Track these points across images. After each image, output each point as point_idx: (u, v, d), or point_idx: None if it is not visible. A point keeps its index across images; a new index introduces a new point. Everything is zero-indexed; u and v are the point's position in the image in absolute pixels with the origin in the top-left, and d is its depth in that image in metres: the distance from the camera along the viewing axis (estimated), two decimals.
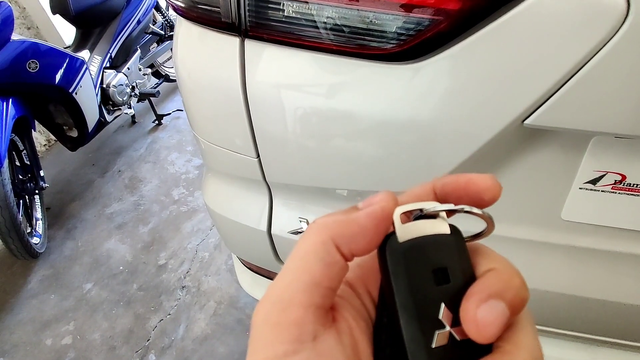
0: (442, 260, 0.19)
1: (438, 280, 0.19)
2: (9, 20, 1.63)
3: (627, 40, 0.39)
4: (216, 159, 0.76)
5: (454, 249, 0.20)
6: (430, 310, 0.18)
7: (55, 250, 1.91)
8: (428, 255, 0.19)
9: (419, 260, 0.19)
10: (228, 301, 1.57)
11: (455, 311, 0.18)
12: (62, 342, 1.53)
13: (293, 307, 0.18)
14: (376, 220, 0.19)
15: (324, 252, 0.19)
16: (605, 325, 0.67)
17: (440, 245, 0.19)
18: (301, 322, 0.18)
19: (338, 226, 0.19)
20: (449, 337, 0.18)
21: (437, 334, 0.18)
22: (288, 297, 0.18)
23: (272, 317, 0.18)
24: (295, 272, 0.19)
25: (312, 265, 0.18)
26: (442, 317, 0.18)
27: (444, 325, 0.18)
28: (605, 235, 0.59)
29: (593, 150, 0.51)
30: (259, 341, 0.18)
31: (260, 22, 0.52)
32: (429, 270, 0.19)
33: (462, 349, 0.18)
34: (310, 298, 0.18)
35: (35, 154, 1.91)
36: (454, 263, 0.19)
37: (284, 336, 0.17)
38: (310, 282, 0.18)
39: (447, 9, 0.43)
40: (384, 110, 0.53)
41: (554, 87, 0.43)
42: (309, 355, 0.17)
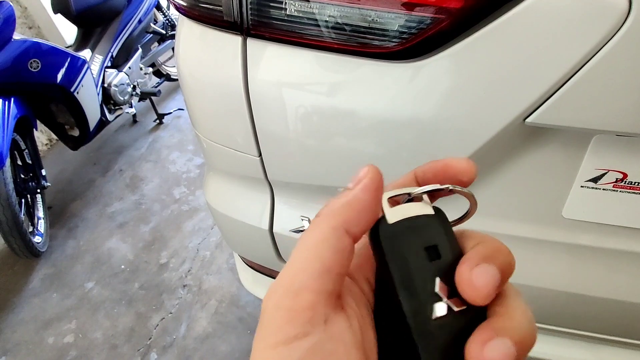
0: (431, 238, 0.20)
1: (430, 257, 0.20)
2: (10, 19, 1.63)
3: (629, 39, 0.39)
4: (218, 158, 0.77)
5: (441, 228, 0.21)
6: (426, 285, 0.19)
7: (57, 249, 1.91)
8: (418, 234, 0.20)
9: (410, 239, 0.20)
10: (229, 300, 1.57)
11: (449, 284, 0.19)
12: (64, 340, 1.54)
13: (306, 292, 0.18)
14: (371, 192, 0.20)
15: (334, 239, 0.19)
16: (607, 323, 0.67)
17: (428, 224, 0.21)
18: (313, 306, 0.18)
19: (345, 210, 0.20)
20: (447, 309, 0.19)
21: (435, 306, 0.19)
22: (300, 283, 0.18)
23: (284, 302, 0.18)
24: (307, 260, 0.19)
25: (323, 252, 0.19)
26: (438, 290, 0.19)
27: (441, 298, 0.19)
28: (606, 233, 0.59)
29: (594, 149, 0.51)
30: (271, 325, 0.18)
31: (262, 21, 0.52)
32: (422, 248, 0.20)
33: (459, 319, 0.19)
34: (322, 284, 0.18)
35: (37, 153, 1.91)
36: (442, 240, 0.20)
37: (296, 320, 0.18)
38: (322, 269, 0.19)
39: (449, 8, 0.43)
40: (385, 109, 0.53)
41: (556, 85, 0.43)
42: (321, 337, 0.17)
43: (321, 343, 0.17)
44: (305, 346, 0.17)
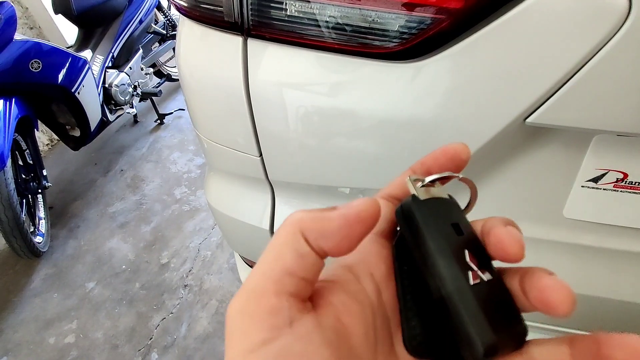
0: (453, 216, 0.22)
1: (457, 232, 0.22)
2: (11, 20, 1.63)
3: (629, 39, 0.39)
4: (219, 158, 0.77)
5: (457, 209, 0.23)
6: (460, 255, 0.21)
7: (58, 249, 1.91)
8: (444, 212, 0.22)
9: (439, 214, 0.22)
10: (230, 300, 1.57)
11: (478, 257, 0.21)
12: (65, 340, 1.54)
13: (267, 295, 0.18)
14: (348, 223, 0.19)
15: (296, 243, 0.19)
16: (608, 323, 0.67)
17: (449, 205, 0.23)
18: (276, 309, 0.18)
19: (309, 220, 0.20)
20: (479, 277, 0.20)
21: (470, 273, 0.20)
22: (262, 286, 0.18)
23: (247, 307, 0.18)
24: (269, 262, 0.19)
25: (284, 254, 0.19)
26: (468, 260, 0.21)
27: (472, 267, 0.20)
28: (607, 233, 0.59)
29: (595, 149, 0.51)
30: (235, 332, 0.18)
31: (262, 21, 0.53)
32: (449, 224, 0.22)
33: (490, 288, 0.20)
34: (283, 286, 0.18)
35: (38, 154, 1.91)
36: (461, 220, 0.22)
37: (259, 325, 0.17)
38: (283, 271, 0.18)
39: (449, 8, 0.43)
40: (386, 109, 0.53)
41: (556, 85, 0.43)
42: (288, 340, 0.17)
43: (289, 345, 0.17)
44: (274, 350, 0.17)
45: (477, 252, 0.21)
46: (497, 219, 0.21)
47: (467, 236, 0.22)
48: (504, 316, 0.20)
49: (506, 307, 0.20)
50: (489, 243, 0.21)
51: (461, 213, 0.23)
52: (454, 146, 0.24)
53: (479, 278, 0.20)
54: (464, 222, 0.22)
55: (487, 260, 0.21)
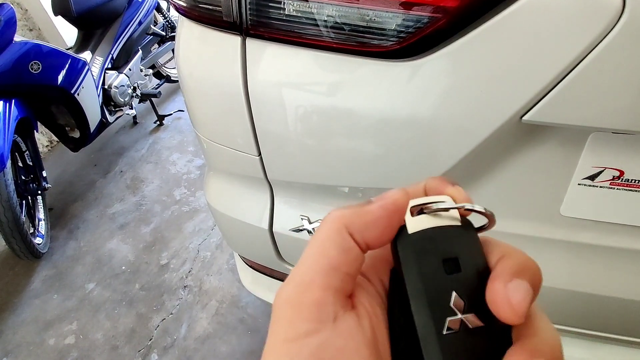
0: (452, 250, 0.20)
1: (448, 269, 0.19)
2: (11, 21, 1.64)
3: (623, 37, 0.39)
4: (218, 158, 0.77)
5: (465, 240, 0.20)
6: (441, 298, 0.19)
7: (57, 250, 1.92)
8: (438, 245, 0.20)
9: (428, 250, 0.20)
10: (230, 300, 1.58)
11: (468, 299, 0.19)
12: (65, 341, 1.54)
13: (313, 288, 0.19)
14: (388, 212, 0.20)
15: (340, 239, 0.20)
16: (605, 320, 0.67)
17: (451, 236, 0.20)
18: (321, 302, 0.18)
19: (352, 216, 0.20)
20: (460, 324, 0.18)
21: (447, 320, 0.18)
22: (308, 279, 0.19)
23: (293, 298, 0.19)
24: (315, 257, 0.20)
25: (329, 250, 0.19)
26: (452, 304, 0.19)
27: (455, 313, 0.18)
28: (604, 231, 0.59)
29: (591, 146, 0.51)
30: (281, 320, 0.18)
31: (261, 21, 0.53)
32: (439, 260, 0.19)
33: (474, 336, 0.18)
34: (329, 281, 0.19)
35: (37, 155, 1.92)
36: (465, 253, 0.20)
37: (305, 315, 0.18)
38: (328, 266, 0.19)
39: (446, 7, 0.44)
40: (384, 108, 0.53)
41: (552, 83, 0.44)
42: (330, 335, 0.18)
43: (331, 340, 0.18)
44: (315, 342, 0.17)
45: (473, 293, 0.19)
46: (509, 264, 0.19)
47: (466, 274, 0.19)
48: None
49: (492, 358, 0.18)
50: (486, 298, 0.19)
51: (469, 244, 0.20)
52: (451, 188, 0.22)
53: (461, 325, 0.18)
54: (467, 256, 0.20)
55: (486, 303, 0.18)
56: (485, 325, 0.18)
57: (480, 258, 0.20)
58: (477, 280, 0.19)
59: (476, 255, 0.20)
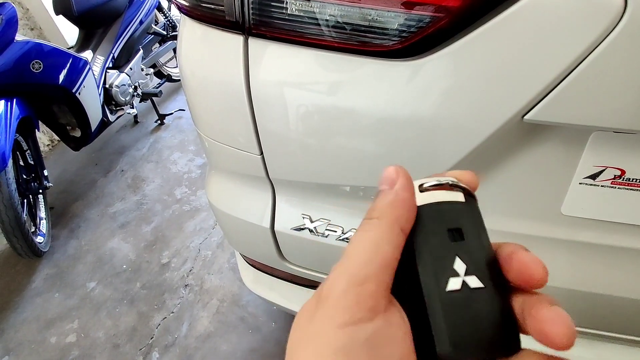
0: (457, 221, 0.22)
1: (453, 238, 0.21)
2: (12, 21, 1.64)
3: (625, 36, 0.39)
4: (220, 157, 0.77)
5: (468, 214, 0.22)
6: (445, 261, 0.21)
7: (59, 249, 1.92)
8: (444, 216, 0.22)
9: (434, 220, 0.22)
10: (231, 299, 1.58)
11: (469, 263, 0.21)
12: (66, 340, 1.54)
13: (370, 282, 0.20)
14: (411, 189, 0.23)
15: (393, 236, 0.21)
16: (606, 319, 0.67)
17: (456, 209, 0.22)
18: (376, 295, 0.20)
19: (394, 208, 0.22)
20: (462, 284, 0.20)
21: (450, 280, 0.20)
22: (365, 274, 0.20)
23: (352, 289, 0.20)
24: (369, 254, 0.21)
25: (384, 248, 0.21)
26: (455, 266, 0.21)
27: (457, 274, 0.20)
28: (605, 230, 0.59)
29: (592, 146, 0.51)
30: (339, 307, 0.20)
31: (263, 20, 0.53)
32: (444, 229, 0.22)
33: (475, 296, 0.20)
34: (383, 277, 0.20)
35: (39, 154, 1.92)
36: (468, 225, 0.22)
37: (362, 305, 0.19)
38: (383, 264, 0.21)
39: (448, 6, 0.44)
40: (385, 107, 0.53)
41: (553, 82, 0.44)
42: (382, 324, 0.19)
43: (384, 328, 0.19)
44: (370, 329, 0.19)
45: (475, 259, 0.21)
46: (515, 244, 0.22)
47: (468, 243, 0.21)
48: (484, 328, 0.20)
49: (491, 318, 0.20)
50: (512, 268, 0.21)
51: (472, 217, 0.22)
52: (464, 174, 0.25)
53: (464, 285, 0.20)
54: (471, 228, 0.22)
55: (487, 269, 0.21)
56: (485, 287, 0.20)
57: (482, 229, 0.22)
58: (480, 248, 0.21)
59: (479, 227, 0.22)
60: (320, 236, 0.72)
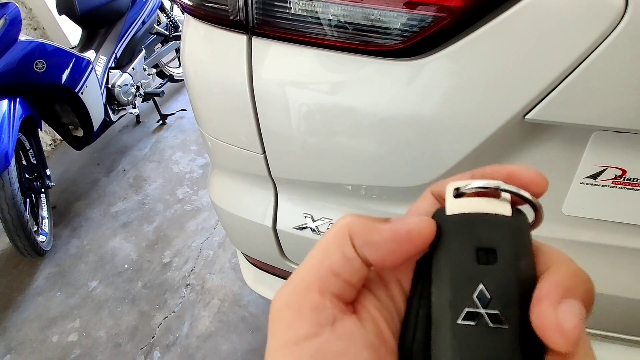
0: (491, 239, 0.18)
1: (482, 259, 0.18)
2: (16, 20, 1.65)
3: (626, 36, 0.40)
4: (222, 156, 0.78)
5: (509, 231, 0.18)
6: (465, 287, 0.17)
7: (61, 248, 1.93)
8: (475, 231, 0.18)
9: (463, 234, 0.18)
10: (232, 299, 1.58)
11: (496, 295, 0.17)
12: (67, 339, 1.55)
13: (311, 292, 0.18)
14: (396, 238, 0.19)
15: (343, 245, 0.19)
16: (607, 319, 0.67)
17: (493, 223, 0.18)
18: (320, 307, 0.18)
19: (359, 227, 0.19)
20: (480, 318, 0.17)
21: (465, 310, 0.17)
22: (307, 282, 0.19)
23: (292, 301, 0.18)
24: (316, 260, 0.19)
25: (331, 254, 0.19)
26: (476, 295, 0.17)
27: (476, 305, 0.17)
28: (606, 230, 0.60)
29: (593, 145, 0.52)
30: (280, 323, 0.18)
31: (267, 20, 0.54)
32: (473, 247, 0.18)
33: (493, 337, 0.16)
34: (328, 286, 0.18)
35: (41, 153, 1.93)
36: (506, 245, 0.17)
37: (304, 319, 0.18)
38: (328, 271, 0.19)
39: (450, 6, 0.44)
40: (387, 106, 0.54)
41: (554, 82, 0.44)
42: (329, 338, 0.18)
43: (330, 343, 0.17)
44: (315, 346, 0.17)
45: (504, 290, 0.17)
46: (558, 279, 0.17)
47: (500, 268, 0.17)
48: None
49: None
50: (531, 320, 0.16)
51: (514, 238, 0.18)
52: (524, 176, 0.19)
53: (479, 320, 0.17)
54: (508, 250, 0.17)
55: (517, 306, 0.17)
56: (508, 328, 0.16)
57: (525, 255, 0.18)
58: (513, 278, 0.17)
59: (520, 251, 0.17)
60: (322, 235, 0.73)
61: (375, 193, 0.68)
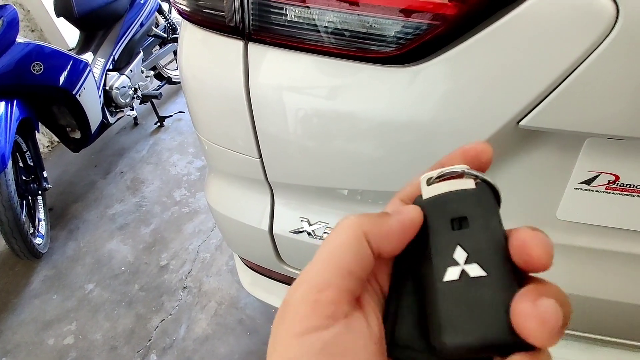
0: (461, 209, 0.21)
1: (455, 226, 0.21)
2: (13, 22, 1.65)
3: (618, 44, 0.40)
4: (219, 159, 0.78)
5: (476, 200, 0.21)
6: (445, 251, 0.20)
7: (57, 250, 1.92)
8: (448, 206, 0.21)
9: (437, 212, 0.21)
10: (229, 301, 1.58)
11: (472, 251, 0.20)
12: (64, 342, 1.54)
13: (330, 288, 0.20)
14: (404, 228, 0.22)
15: (358, 246, 0.21)
16: (600, 323, 0.68)
17: (462, 197, 0.21)
18: (336, 301, 0.20)
19: (371, 224, 0.21)
20: (461, 273, 0.19)
21: (448, 269, 0.20)
22: (325, 280, 0.20)
23: (310, 296, 0.20)
24: (331, 260, 0.21)
25: (346, 255, 0.21)
26: (455, 255, 0.20)
27: (457, 263, 0.20)
28: (600, 235, 0.60)
29: (587, 151, 0.52)
30: (296, 315, 0.20)
31: (263, 26, 0.54)
32: (447, 219, 0.21)
33: (476, 286, 0.19)
34: (345, 283, 0.20)
35: (38, 155, 1.92)
36: (475, 211, 0.21)
37: (320, 312, 0.19)
38: (345, 271, 0.20)
39: (444, 14, 0.45)
40: (383, 112, 0.54)
41: (548, 89, 0.44)
42: (341, 329, 0.19)
43: (341, 335, 0.19)
44: (328, 336, 0.19)
45: (479, 246, 0.20)
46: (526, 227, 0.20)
47: (472, 230, 0.20)
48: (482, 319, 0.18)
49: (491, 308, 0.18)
50: (511, 246, 0.19)
51: (482, 204, 0.21)
52: (474, 146, 0.23)
53: (462, 274, 0.19)
54: (477, 214, 0.20)
55: (492, 256, 0.19)
56: (488, 275, 0.19)
57: (492, 215, 0.20)
58: (485, 235, 0.20)
59: (487, 213, 0.20)
60: (318, 239, 0.73)
61: (371, 197, 0.68)
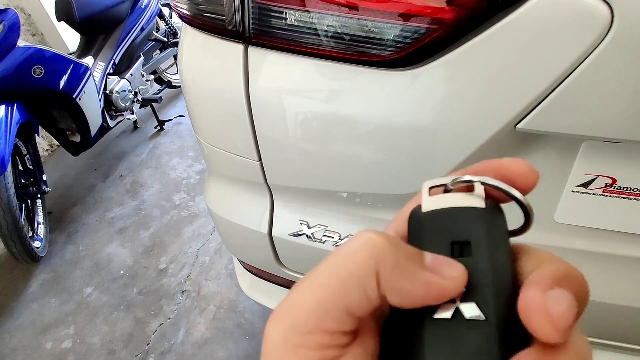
0: (465, 232, 0.17)
1: (455, 252, 0.17)
2: (15, 26, 1.65)
3: (614, 47, 0.41)
4: (219, 162, 0.78)
5: (484, 223, 0.17)
6: None
7: (56, 254, 1.92)
8: (449, 225, 0.18)
9: (438, 229, 0.18)
10: (228, 305, 1.58)
11: (471, 287, 0.16)
12: (62, 346, 1.53)
13: (320, 333, 0.16)
14: (428, 296, 0.16)
15: (367, 284, 0.16)
16: (599, 327, 0.68)
17: (468, 217, 0.18)
18: (326, 347, 0.16)
19: (389, 266, 0.16)
20: (455, 312, 0.16)
21: (441, 305, 0.16)
22: (316, 321, 0.16)
23: (294, 338, 0.16)
24: (331, 294, 0.16)
25: (350, 292, 0.16)
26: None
27: (452, 300, 0.16)
28: (597, 238, 0.60)
29: (584, 154, 0.52)
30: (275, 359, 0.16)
31: (263, 30, 0.54)
32: (448, 241, 0.17)
33: (470, 329, 0.16)
34: (340, 326, 0.16)
35: (38, 159, 1.93)
36: (480, 237, 0.17)
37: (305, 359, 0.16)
38: (344, 311, 0.16)
39: (442, 18, 0.45)
40: (382, 115, 0.55)
41: (545, 92, 0.45)
42: None
43: None
44: None
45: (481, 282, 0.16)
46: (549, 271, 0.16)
47: (475, 260, 0.17)
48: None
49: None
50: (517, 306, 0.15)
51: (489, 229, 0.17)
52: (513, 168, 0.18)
53: (455, 313, 0.16)
54: (483, 242, 0.17)
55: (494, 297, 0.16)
56: (487, 319, 0.16)
57: (500, 246, 0.17)
58: (488, 269, 0.16)
59: (495, 242, 0.17)
60: (317, 242, 0.73)
61: (370, 200, 0.68)
